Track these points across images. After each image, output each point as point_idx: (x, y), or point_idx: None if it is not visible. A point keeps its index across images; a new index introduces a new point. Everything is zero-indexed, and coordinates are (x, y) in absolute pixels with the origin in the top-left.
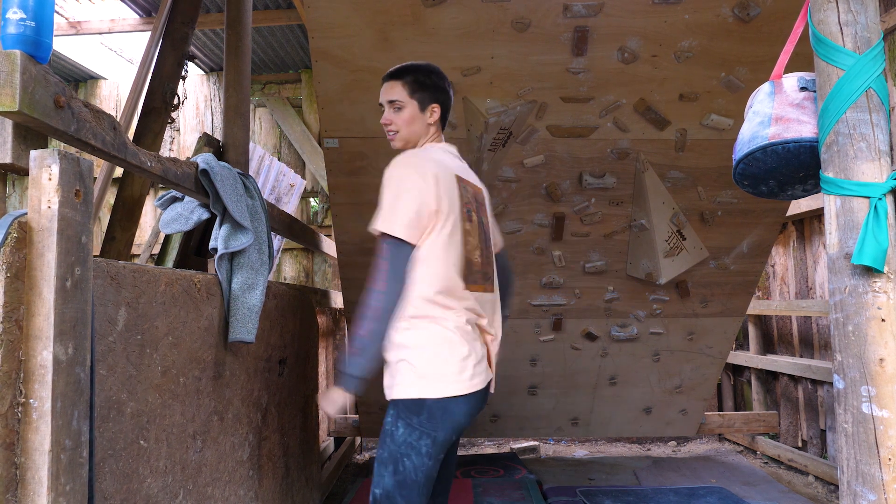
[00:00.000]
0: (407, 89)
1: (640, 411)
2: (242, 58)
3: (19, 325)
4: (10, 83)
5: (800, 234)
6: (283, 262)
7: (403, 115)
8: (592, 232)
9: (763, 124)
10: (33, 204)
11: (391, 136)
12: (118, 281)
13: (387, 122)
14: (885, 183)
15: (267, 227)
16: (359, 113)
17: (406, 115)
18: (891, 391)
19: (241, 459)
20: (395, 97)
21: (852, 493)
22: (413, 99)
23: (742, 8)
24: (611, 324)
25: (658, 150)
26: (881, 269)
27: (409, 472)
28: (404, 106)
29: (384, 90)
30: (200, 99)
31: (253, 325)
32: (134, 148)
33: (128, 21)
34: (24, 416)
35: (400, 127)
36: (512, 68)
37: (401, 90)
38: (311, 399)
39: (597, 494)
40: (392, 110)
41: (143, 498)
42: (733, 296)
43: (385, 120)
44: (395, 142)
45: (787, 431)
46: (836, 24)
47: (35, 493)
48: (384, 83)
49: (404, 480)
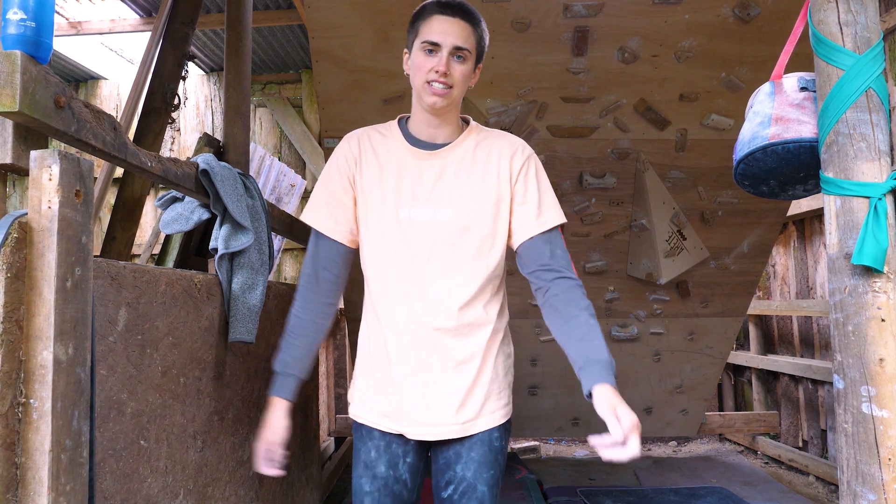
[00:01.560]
0: (474, 39)
1: (640, 411)
2: (243, 58)
3: (19, 326)
4: (11, 83)
5: (800, 234)
6: (284, 262)
7: (465, 69)
8: (593, 232)
9: (763, 124)
10: (33, 204)
11: (438, 91)
12: (118, 281)
13: (442, 71)
14: (885, 183)
15: (267, 228)
16: (359, 113)
17: (467, 69)
18: (891, 391)
19: (241, 459)
20: (464, 44)
21: (852, 493)
22: (474, 54)
23: (742, 8)
24: (611, 324)
25: (658, 150)
26: (881, 269)
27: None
28: (468, 58)
29: (446, 27)
30: (201, 99)
31: (253, 326)
32: (134, 148)
33: (128, 21)
34: (25, 416)
35: (457, 82)
36: (512, 68)
37: (470, 36)
38: (311, 399)
39: (597, 494)
40: (453, 58)
41: (144, 498)
42: (734, 296)
43: (441, 66)
44: (438, 101)
45: (788, 431)
46: (836, 24)
47: (35, 492)
48: (445, 17)
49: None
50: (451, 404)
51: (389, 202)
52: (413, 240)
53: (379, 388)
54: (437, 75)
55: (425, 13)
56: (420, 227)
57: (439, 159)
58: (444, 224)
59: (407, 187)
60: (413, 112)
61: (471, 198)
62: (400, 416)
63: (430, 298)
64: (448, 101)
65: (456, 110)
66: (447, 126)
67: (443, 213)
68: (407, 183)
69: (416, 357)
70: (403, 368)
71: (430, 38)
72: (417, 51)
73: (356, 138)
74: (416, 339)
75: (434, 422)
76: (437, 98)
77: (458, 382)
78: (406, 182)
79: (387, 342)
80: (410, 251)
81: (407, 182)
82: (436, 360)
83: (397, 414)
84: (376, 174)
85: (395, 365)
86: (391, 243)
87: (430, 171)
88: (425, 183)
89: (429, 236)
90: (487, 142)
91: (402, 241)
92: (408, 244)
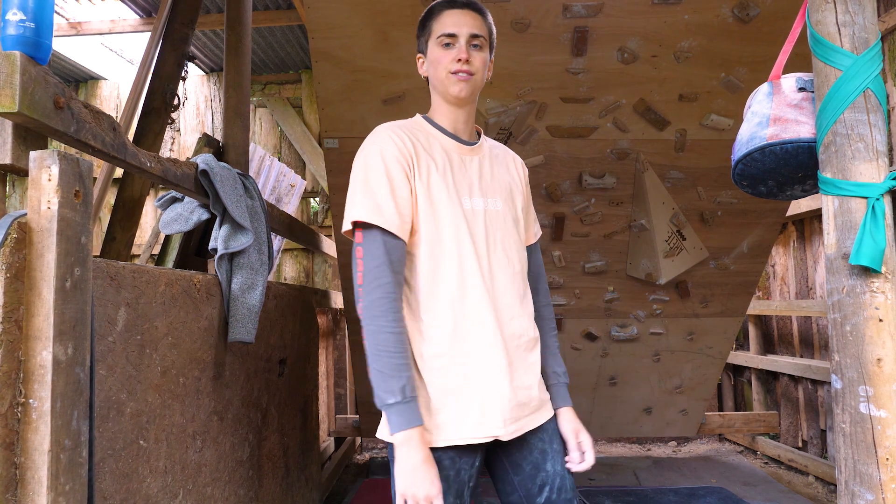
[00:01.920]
0: (486, 28)
1: (640, 411)
2: (242, 58)
3: (19, 326)
4: (10, 84)
5: (800, 234)
6: (284, 262)
7: (483, 56)
8: (592, 232)
9: (761, 125)
10: (33, 205)
11: (462, 78)
12: (118, 281)
13: (463, 58)
14: (883, 183)
15: (267, 228)
16: (359, 113)
17: (485, 57)
18: (888, 391)
19: (240, 459)
20: (479, 31)
21: (850, 492)
22: (488, 42)
23: (742, 8)
24: (611, 324)
25: (658, 150)
26: (879, 270)
27: None
28: (484, 46)
29: (460, 18)
30: (200, 99)
31: (252, 326)
32: (133, 149)
33: (128, 22)
34: (24, 416)
35: (478, 68)
36: (512, 68)
37: (483, 25)
38: (311, 399)
39: (597, 495)
40: (470, 46)
41: (143, 497)
42: (733, 296)
43: (462, 54)
44: (464, 88)
45: (788, 431)
46: (833, 25)
47: (35, 492)
48: (455, 10)
49: None
50: (534, 394)
51: (453, 193)
52: (477, 229)
53: (463, 394)
54: (459, 64)
55: (435, 11)
56: (481, 217)
57: (476, 154)
58: (498, 214)
59: (461, 178)
60: (436, 110)
61: (509, 190)
62: (493, 417)
63: (500, 285)
64: (472, 88)
65: (475, 104)
66: (470, 121)
67: (495, 204)
68: (459, 174)
69: (504, 349)
70: (497, 364)
71: (447, 30)
72: (434, 47)
73: (398, 129)
74: (500, 328)
75: (520, 416)
76: (463, 84)
77: (535, 371)
78: (458, 173)
79: (468, 338)
80: (477, 241)
81: (459, 173)
82: (520, 351)
83: (491, 415)
84: (434, 165)
85: (485, 363)
86: (457, 234)
87: (472, 164)
88: (471, 174)
89: (490, 225)
90: (495, 147)
91: (467, 232)
92: (473, 234)
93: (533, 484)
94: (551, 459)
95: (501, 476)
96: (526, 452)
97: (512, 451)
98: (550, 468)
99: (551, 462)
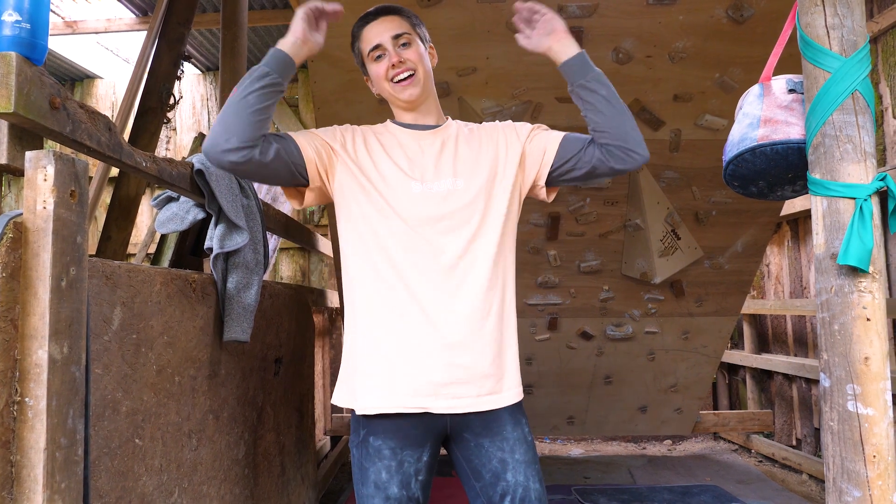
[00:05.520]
0: (407, 24)
1: (635, 410)
2: (238, 57)
3: (15, 325)
4: (6, 85)
5: (794, 234)
6: (281, 261)
7: (415, 49)
8: (587, 231)
9: (752, 126)
10: (28, 204)
11: (405, 82)
12: (113, 280)
13: (395, 61)
14: (871, 184)
15: (262, 227)
16: (355, 113)
17: (418, 49)
18: (875, 389)
19: (236, 458)
20: (399, 30)
21: (838, 489)
22: (417, 34)
23: (736, 9)
24: (606, 323)
25: (653, 150)
26: (866, 270)
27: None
28: (412, 40)
29: (376, 29)
30: (196, 98)
31: (248, 325)
32: (129, 148)
33: (124, 21)
34: (20, 414)
35: (416, 62)
36: (507, 68)
37: (402, 23)
38: (306, 398)
39: (592, 493)
40: (398, 47)
41: (139, 496)
42: (728, 295)
43: (394, 58)
44: (412, 87)
45: (782, 430)
46: (822, 28)
47: (31, 490)
48: (370, 23)
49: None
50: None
51: (401, 175)
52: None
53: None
54: (394, 69)
55: (356, 34)
56: (436, 198)
57: (438, 136)
58: (458, 193)
59: (416, 161)
60: (400, 117)
61: (481, 166)
62: (403, 391)
63: (443, 265)
64: (419, 85)
65: (433, 99)
66: (432, 111)
67: (455, 183)
68: (415, 158)
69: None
70: (415, 341)
71: (371, 44)
72: (370, 65)
73: (358, 127)
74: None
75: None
76: (410, 88)
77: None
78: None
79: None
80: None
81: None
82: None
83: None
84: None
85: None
86: (406, 215)
87: (431, 147)
88: (427, 159)
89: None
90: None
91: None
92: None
93: (494, 492)
94: (512, 470)
95: (465, 480)
96: (485, 460)
97: (470, 456)
98: (511, 479)
99: (512, 472)
